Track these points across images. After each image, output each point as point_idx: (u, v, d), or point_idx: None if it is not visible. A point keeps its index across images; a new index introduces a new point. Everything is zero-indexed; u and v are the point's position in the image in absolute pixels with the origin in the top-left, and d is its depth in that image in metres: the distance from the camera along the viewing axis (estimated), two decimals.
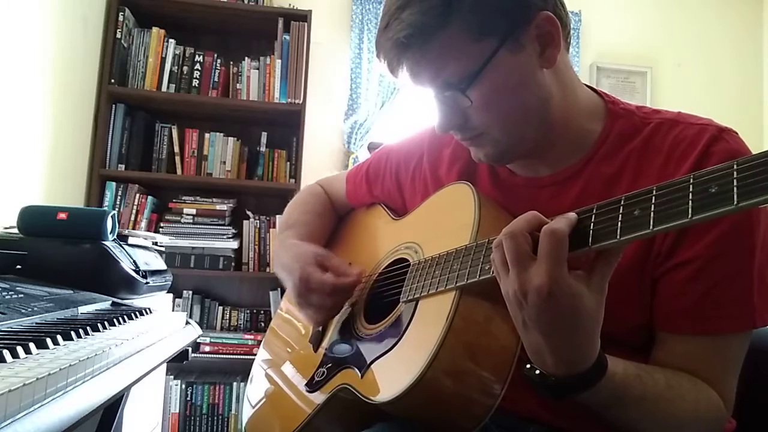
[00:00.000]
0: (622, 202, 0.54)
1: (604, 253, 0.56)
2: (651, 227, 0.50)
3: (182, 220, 2.51)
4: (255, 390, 1.05)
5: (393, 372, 0.70)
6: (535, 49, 0.70)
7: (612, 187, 0.72)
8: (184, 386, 2.49)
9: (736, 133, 0.72)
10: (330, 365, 0.83)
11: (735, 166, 0.46)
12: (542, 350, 0.59)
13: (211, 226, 2.53)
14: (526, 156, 0.78)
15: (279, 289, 2.47)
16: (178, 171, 2.56)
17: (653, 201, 0.51)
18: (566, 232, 0.55)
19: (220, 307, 2.63)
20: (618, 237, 0.53)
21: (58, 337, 0.64)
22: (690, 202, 0.49)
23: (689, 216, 0.48)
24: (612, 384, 0.61)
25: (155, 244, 1.72)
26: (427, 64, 0.70)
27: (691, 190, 0.49)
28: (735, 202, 0.45)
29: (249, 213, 2.62)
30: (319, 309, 0.89)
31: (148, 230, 2.44)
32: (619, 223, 0.53)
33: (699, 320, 0.68)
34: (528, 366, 0.62)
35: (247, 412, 1.03)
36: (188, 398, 2.50)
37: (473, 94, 0.70)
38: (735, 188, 0.46)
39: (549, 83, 0.73)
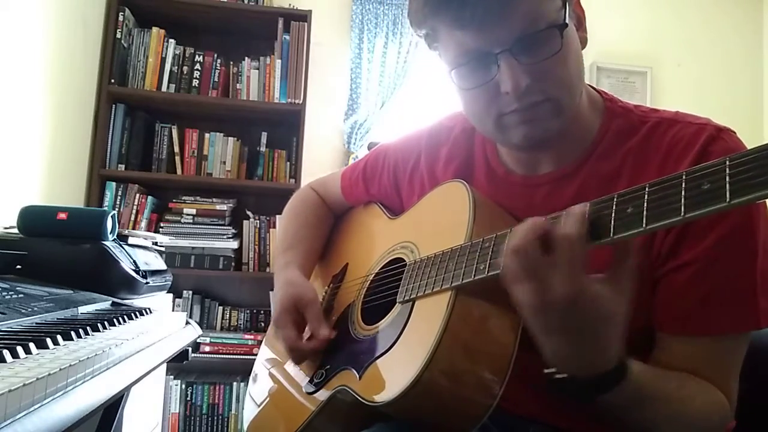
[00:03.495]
0: (615, 200, 0.54)
1: (615, 253, 0.56)
2: (644, 225, 0.51)
3: (182, 220, 2.52)
4: (256, 389, 1.05)
5: (391, 373, 0.70)
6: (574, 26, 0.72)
7: (610, 186, 0.72)
8: (184, 386, 2.49)
9: (734, 133, 0.72)
10: (328, 366, 0.83)
11: (727, 163, 0.46)
12: (566, 355, 0.59)
13: (211, 226, 2.53)
14: (550, 144, 0.76)
15: None
16: (178, 171, 2.57)
17: (645, 198, 0.52)
18: (583, 235, 0.54)
19: (220, 307, 2.64)
20: (611, 236, 0.53)
21: (58, 337, 0.64)
22: (683, 199, 0.49)
23: (681, 214, 0.48)
24: (633, 385, 0.61)
25: (155, 244, 1.72)
26: (518, 4, 0.65)
27: (683, 186, 0.49)
28: (727, 199, 0.45)
29: (249, 213, 2.62)
30: (288, 353, 0.90)
31: (148, 230, 2.44)
32: (612, 221, 0.53)
33: (701, 322, 0.67)
34: (550, 370, 0.61)
35: (248, 411, 1.04)
36: (188, 398, 2.50)
37: (556, 43, 0.67)
38: (727, 185, 0.46)
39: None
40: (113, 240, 1.29)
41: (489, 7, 0.65)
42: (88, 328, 0.73)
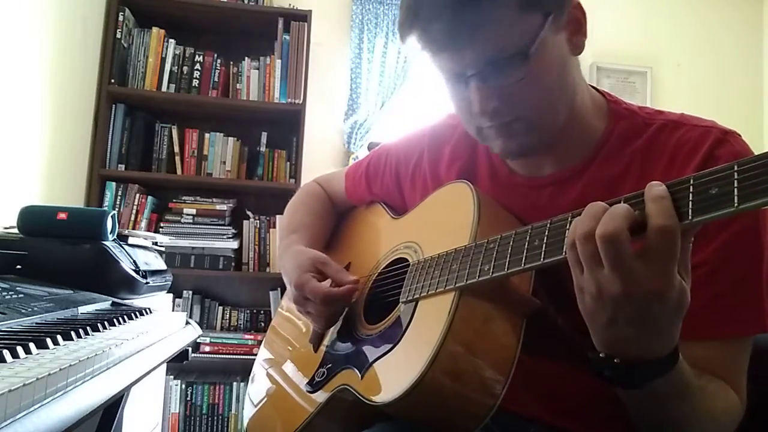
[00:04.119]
0: (621, 204, 0.54)
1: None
2: None
3: (182, 220, 2.51)
4: (256, 389, 1.05)
5: (393, 373, 0.70)
6: (566, 34, 0.71)
7: (615, 188, 0.72)
8: (184, 386, 2.49)
9: (740, 136, 0.72)
10: (330, 365, 0.83)
11: (735, 168, 0.46)
12: (629, 342, 0.56)
13: (211, 226, 2.53)
14: (545, 149, 0.76)
15: (279, 289, 2.48)
16: (178, 171, 2.56)
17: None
18: (679, 228, 0.50)
19: (220, 307, 2.63)
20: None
21: (58, 337, 0.64)
22: (690, 203, 0.49)
23: (689, 218, 0.48)
24: (679, 371, 0.59)
25: (155, 244, 1.72)
26: (483, 32, 0.67)
27: (691, 191, 0.49)
28: (735, 204, 0.45)
29: (249, 213, 2.62)
30: (317, 317, 0.88)
31: (148, 230, 2.44)
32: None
33: (709, 326, 0.67)
34: (603, 355, 0.59)
35: (248, 411, 1.03)
36: (188, 398, 2.50)
37: (524, 68, 0.68)
38: (735, 190, 0.45)
39: (576, 71, 0.74)
40: (113, 240, 1.28)
41: (455, 35, 0.67)
42: (88, 328, 0.72)
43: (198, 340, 1.13)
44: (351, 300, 0.87)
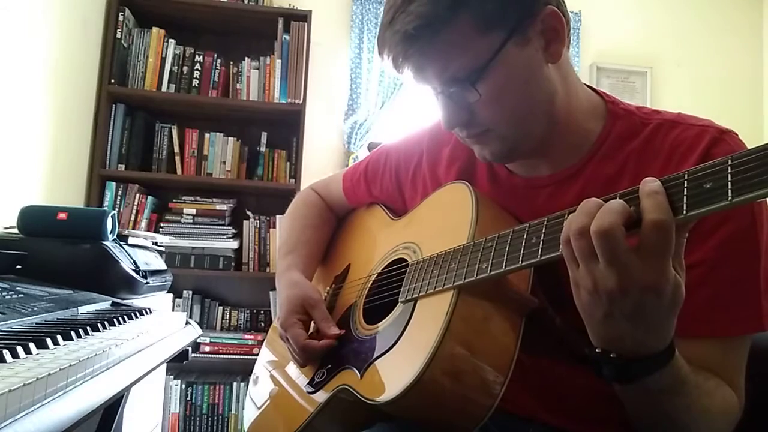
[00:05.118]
0: (616, 199, 0.54)
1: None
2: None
3: (182, 220, 2.51)
4: (257, 391, 1.05)
5: (392, 372, 0.70)
6: (540, 43, 0.71)
7: (612, 187, 0.71)
8: (184, 386, 2.49)
9: (737, 135, 0.72)
10: (330, 366, 0.83)
11: (729, 162, 0.47)
12: (624, 337, 0.57)
13: (211, 226, 2.53)
14: (529, 155, 0.78)
15: None
16: (178, 171, 2.56)
17: None
18: (673, 222, 0.50)
19: (220, 307, 2.63)
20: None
21: (58, 337, 0.64)
22: (684, 198, 0.49)
23: (684, 212, 0.49)
24: (676, 366, 0.60)
25: (155, 244, 1.72)
26: (436, 57, 0.69)
27: (685, 186, 0.49)
28: (729, 198, 0.45)
29: (249, 213, 2.62)
30: (295, 359, 0.91)
31: (148, 230, 2.44)
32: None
33: (707, 324, 0.67)
34: (599, 350, 0.59)
35: (249, 412, 1.04)
36: (188, 398, 2.50)
37: (481, 88, 0.69)
38: (729, 183, 0.46)
39: (554, 79, 0.73)
40: (113, 240, 1.28)
41: (416, 57, 0.70)
42: (88, 328, 0.72)
43: (198, 340, 1.13)
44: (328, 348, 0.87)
